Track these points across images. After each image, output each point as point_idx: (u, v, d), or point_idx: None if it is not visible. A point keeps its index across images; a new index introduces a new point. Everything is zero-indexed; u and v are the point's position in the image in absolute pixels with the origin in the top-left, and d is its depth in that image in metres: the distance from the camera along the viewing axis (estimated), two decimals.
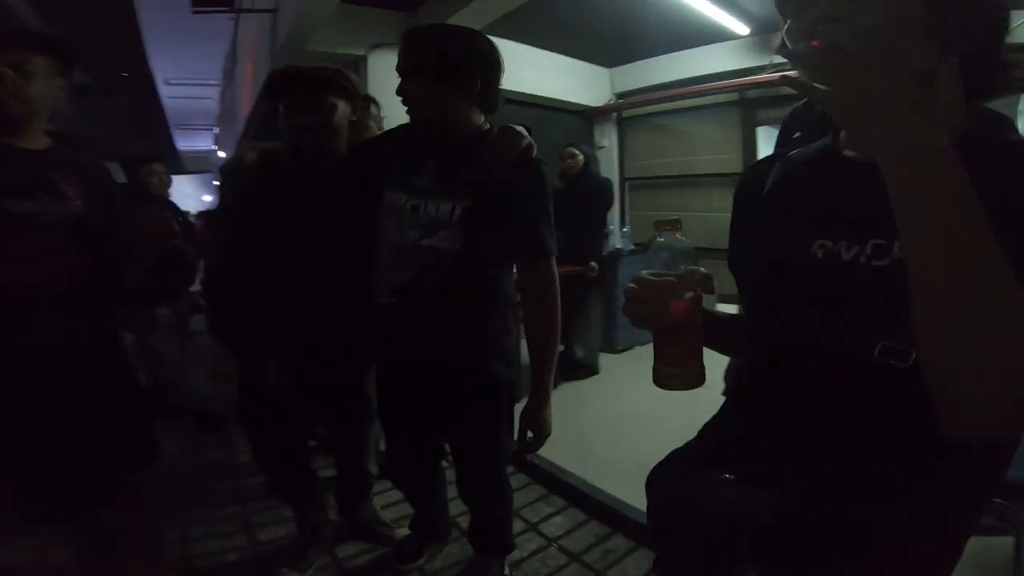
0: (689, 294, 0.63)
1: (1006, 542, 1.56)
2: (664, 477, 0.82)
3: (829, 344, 0.60)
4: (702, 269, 0.66)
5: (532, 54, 4.53)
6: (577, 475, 2.23)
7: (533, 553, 1.84)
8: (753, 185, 0.75)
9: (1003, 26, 0.55)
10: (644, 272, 0.65)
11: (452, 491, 1.71)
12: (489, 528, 1.58)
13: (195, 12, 3.72)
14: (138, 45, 8.94)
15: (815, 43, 0.49)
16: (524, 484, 2.28)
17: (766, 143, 4.69)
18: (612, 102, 5.27)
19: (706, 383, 0.67)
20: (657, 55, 4.73)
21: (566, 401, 3.11)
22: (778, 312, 0.66)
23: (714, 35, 4.06)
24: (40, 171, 1.21)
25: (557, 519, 2.05)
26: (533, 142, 1.27)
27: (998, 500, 1.41)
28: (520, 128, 1.28)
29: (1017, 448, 0.60)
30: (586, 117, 5.38)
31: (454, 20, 3.39)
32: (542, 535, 1.95)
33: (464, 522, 1.86)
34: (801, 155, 0.73)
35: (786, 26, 0.60)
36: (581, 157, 3.46)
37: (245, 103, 6.84)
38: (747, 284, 0.74)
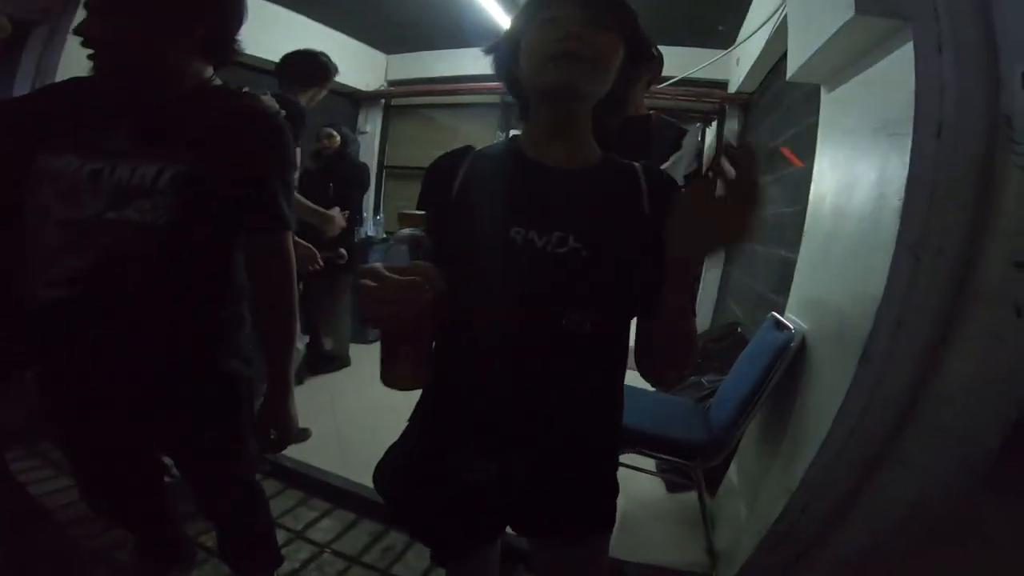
0: (430, 292, 0.62)
1: (692, 496, 1.93)
2: (391, 472, 0.89)
3: (527, 315, 0.74)
4: (431, 265, 0.66)
5: (305, 25, 4.17)
6: (338, 474, 2.15)
7: (306, 563, 1.73)
8: (445, 177, 0.82)
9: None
10: (379, 266, 0.62)
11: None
12: (248, 544, 1.42)
13: None
14: None
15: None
16: (278, 491, 2.10)
17: None
18: (383, 88, 5.18)
19: None
20: (437, 48, 4.80)
21: (317, 396, 3.01)
22: (480, 290, 0.75)
23: (494, 38, 4.25)
24: None
25: (324, 523, 1.94)
26: (275, 103, 1.10)
27: (680, 460, 1.76)
28: (264, 95, 1.10)
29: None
30: (354, 100, 5.20)
31: None
32: (311, 542, 1.84)
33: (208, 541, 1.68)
34: (490, 152, 0.85)
35: (528, 38, 0.75)
36: (338, 138, 3.29)
37: None
38: (446, 264, 0.76)
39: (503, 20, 3.97)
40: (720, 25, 3.55)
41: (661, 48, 1.62)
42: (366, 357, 3.73)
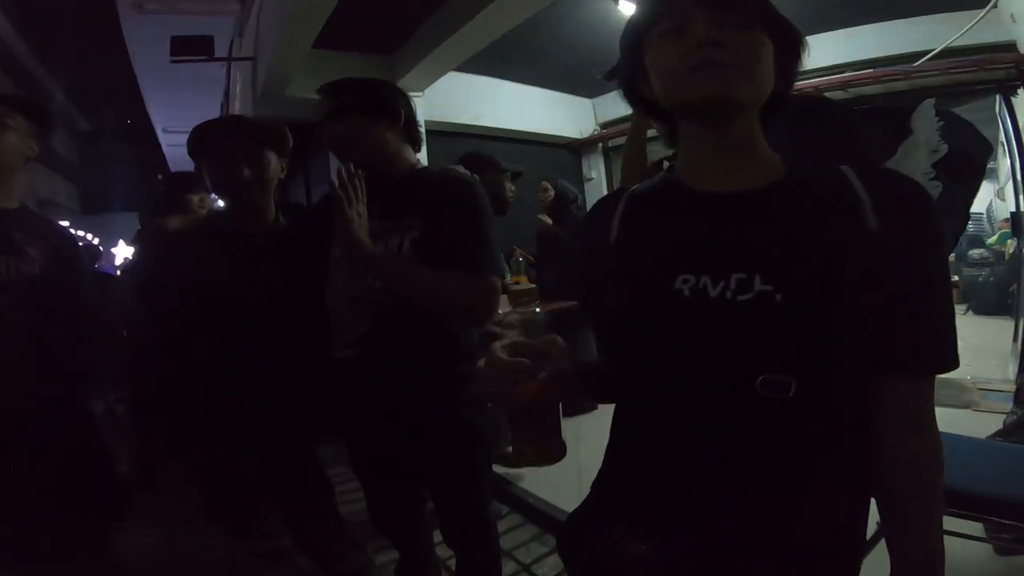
0: (543, 374, 0.60)
1: None
2: (574, 540, 0.76)
3: (710, 381, 0.59)
4: (560, 340, 0.63)
5: (513, 89, 4.61)
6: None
7: None
8: (600, 225, 0.73)
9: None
10: (497, 346, 0.61)
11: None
12: (476, 571, 1.53)
13: (173, 62, 3.80)
14: (136, 93, 9.16)
15: None
16: (518, 524, 2.24)
17: None
18: (597, 133, 5.32)
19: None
20: None
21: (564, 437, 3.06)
22: (652, 354, 0.62)
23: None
24: (7, 231, 1.23)
25: (551, 559, 1.98)
26: (467, 171, 1.31)
27: (1015, 523, 1.40)
28: (458, 166, 1.33)
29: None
30: (573, 149, 5.42)
31: (431, 59, 3.46)
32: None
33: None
34: (646, 189, 0.72)
35: (652, 54, 0.63)
36: (552, 191, 3.48)
37: None
38: (609, 328, 0.69)
39: None
40: None
41: (899, 23, 1.29)
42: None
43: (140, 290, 1.47)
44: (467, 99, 4.35)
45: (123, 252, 12.21)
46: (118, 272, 5.40)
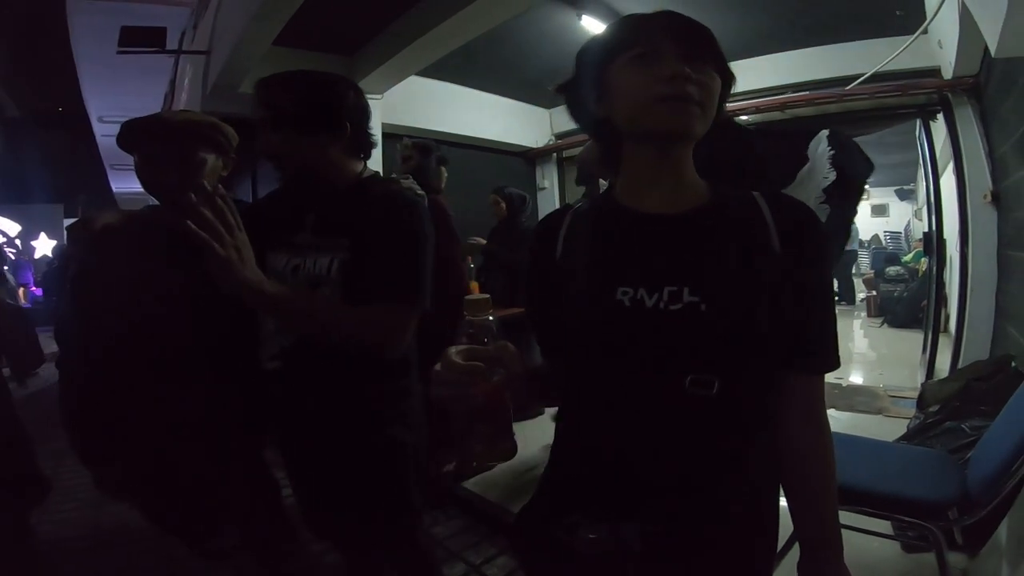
0: (496, 377, 0.64)
1: (930, 557, 1.61)
2: (524, 533, 0.81)
3: (646, 381, 0.66)
4: (511, 346, 0.68)
5: (472, 96, 4.66)
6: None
7: None
8: (547, 239, 0.78)
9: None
10: (452, 351, 0.65)
11: None
12: None
13: (120, 52, 3.63)
14: (74, 80, 8.70)
15: None
16: (468, 525, 2.24)
17: None
18: (552, 143, 5.41)
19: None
20: None
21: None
22: (596, 358, 0.69)
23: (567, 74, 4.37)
24: None
25: (500, 560, 2.00)
26: (415, 187, 1.22)
27: (917, 521, 1.47)
28: (405, 179, 1.24)
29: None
30: (528, 159, 5.51)
31: (393, 62, 3.45)
32: None
33: None
34: (588, 209, 0.78)
35: (619, 76, 0.67)
36: (503, 204, 3.52)
37: None
38: (556, 335, 0.75)
39: None
40: (898, 10, 3.16)
41: (834, 47, 1.36)
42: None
43: (70, 286, 1.40)
44: (425, 103, 4.36)
45: (44, 245, 11.57)
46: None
